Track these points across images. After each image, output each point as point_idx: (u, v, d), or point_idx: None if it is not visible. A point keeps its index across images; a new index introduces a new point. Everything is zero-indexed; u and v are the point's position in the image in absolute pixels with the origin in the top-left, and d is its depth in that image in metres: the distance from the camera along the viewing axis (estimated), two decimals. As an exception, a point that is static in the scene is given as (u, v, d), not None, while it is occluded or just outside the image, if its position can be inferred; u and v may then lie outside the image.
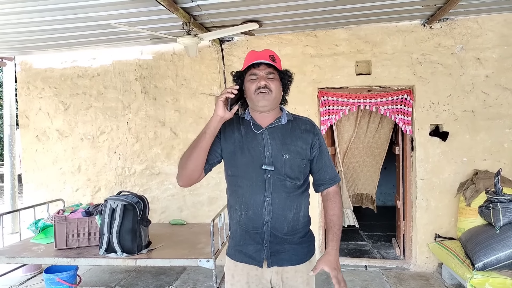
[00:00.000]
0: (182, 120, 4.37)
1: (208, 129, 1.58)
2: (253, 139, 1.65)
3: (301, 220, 1.66)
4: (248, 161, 1.62)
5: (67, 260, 3.08)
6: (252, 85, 1.61)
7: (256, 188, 1.61)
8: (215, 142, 1.65)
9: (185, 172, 1.63)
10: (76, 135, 4.56)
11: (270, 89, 1.60)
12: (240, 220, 1.66)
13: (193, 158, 1.60)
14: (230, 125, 1.70)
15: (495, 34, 3.82)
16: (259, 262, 1.64)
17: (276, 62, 1.64)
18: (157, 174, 4.45)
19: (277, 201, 1.60)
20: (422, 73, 3.94)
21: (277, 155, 1.61)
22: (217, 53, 4.24)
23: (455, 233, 3.88)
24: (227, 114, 1.57)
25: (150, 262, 3.04)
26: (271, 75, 1.62)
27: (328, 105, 4.11)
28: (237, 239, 1.70)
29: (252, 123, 1.68)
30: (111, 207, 3.08)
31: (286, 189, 1.61)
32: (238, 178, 1.65)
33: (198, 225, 4.19)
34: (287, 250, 1.64)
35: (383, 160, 4.78)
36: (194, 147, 1.60)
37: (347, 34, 4.05)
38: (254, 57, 1.63)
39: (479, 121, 3.88)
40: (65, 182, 4.60)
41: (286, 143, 1.63)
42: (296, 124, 1.69)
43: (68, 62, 4.56)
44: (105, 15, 3.24)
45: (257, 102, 1.61)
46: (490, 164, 3.85)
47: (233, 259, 1.70)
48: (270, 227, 1.61)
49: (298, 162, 1.63)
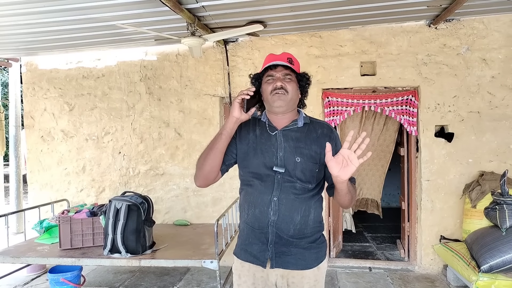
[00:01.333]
0: (186, 120, 4.38)
1: (224, 130, 1.59)
2: (267, 140, 1.65)
3: (310, 224, 1.63)
4: (260, 162, 1.62)
5: (72, 260, 3.08)
6: (269, 86, 1.62)
7: (265, 187, 1.61)
8: (231, 143, 1.65)
9: (202, 173, 1.64)
10: (81, 136, 4.58)
11: (286, 90, 1.60)
12: (248, 219, 1.66)
13: (209, 159, 1.61)
14: (246, 126, 1.70)
15: (501, 34, 3.80)
16: (263, 262, 1.63)
17: (294, 64, 1.65)
18: (161, 175, 4.46)
19: (285, 202, 1.59)
20: (427, 73, 3.92)
21: (289, 158, 1.60)
22: (222, 54, 4.24)
23: (461, 234, 3.86)
24: (243, 116, 1.57)
25: (154, 263, 3.03)
26: (288, 76, 1.63)
27: (332, 106, 4.10)
28: (243, 238, 1.70)
29: (268, 125, 1.68)
30: (115, 208, 3.08)
31: (295, 190, 1.60)
32: (249, 178, 1.65)
33: (202, 225, 4.18)
34: (294, 253, 1.62)
35: (388, 163, 4.69)
36: (211, 148, 1.61)
37: (352, 34, 4.04)
38: (271, 59, 1.64)
39: (485, 122, 3.85)
40: (69, 183, 4.62)
41: (300, 146, 1.62)
42: (312, 127, 1.68)
43: (73, 63, 4.58)
44: (110, 16, 3.25)
45: (273, 102, 1.61)
46: (496, 166, 3.83)
47: (239, 258, 1.70)
48: (276, 227, 1.60)
49: (311, 166, 1.61)
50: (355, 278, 3.90)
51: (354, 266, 4.22)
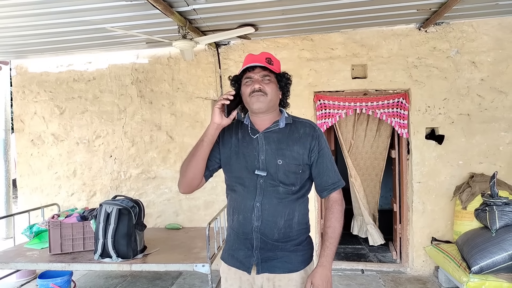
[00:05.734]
0: (178, 124, 4.36)
1: (206, 137, 1.57)
2: (248, 144, 1.63)
3: (295, 227, 1.61)
4: (242, 166, 1.61)
5: (62, 265, 3.04)
6: (247, 88, 1.60)
7: (247, 193, 1.59)
8: (214, 148, 1.64)
9: (185, 180, 1.63)
10: (72, 139, 4.54)
11: (265, 92, 1.58)
12: (233, 224, 1.66)
13: (192, 166, 1.60)
14: (229, 129, 1.69)
15: (490, 37, 3.84)
16: (248, 268, 1.61)
17: (273, 64, 1.62)
18: (153, 178, 4.43)
19: (267, 207, 1.57)
20: (417, 76, 3.95)
21: (271, 160, 1.58)
22: (213, 57, 4.24)
23: (452, 236, 3.88)
24: (224, 121, 1.55)
25: (145, 267, 3.01)
26: (267, 77, 1.60)
27: (324, 109, 4.11)
28: (230, 243, 1.70)
29: (250, 128, 1.67)
30: (106, 212, 3.05)
31: (278, 194, 1.58)
32: (233, 183, 1.65)
33: (194, 229, 4.16)
34: (280, 257, 1.60)
35: (382, 171, 4.59)
36: (193, 155, 1.60)
37: (343, 38, 4.06)
38: (249, 61, 1.61)
39: (474, 124, 3.89)
40: (60, 187, 4.57)
41: (282, 147, 1.60)
42: (295, 127, 1.65)
43: (63, 66, 4.55)
44: (101, 19, 3.23)
45: (252, 105, 1.59)
46: (486, 167, 3.86)
47: (226, 263, 1.69)
48: (260, 233, 1.58)
49: (294, 167, 1.59)
50: (348, 280, 3.91)
51: (346, 269, 4.23)
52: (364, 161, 4.58)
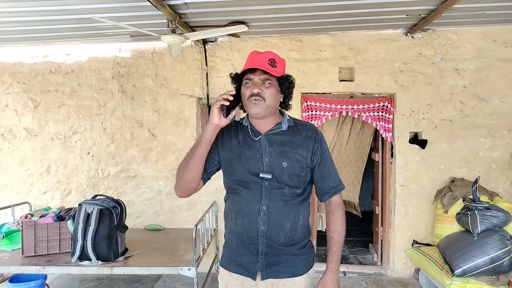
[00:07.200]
0: (161, 121, 4.22)
1: (204, 138, 1.51)
2: (251, 146, 1.57)
3: (299, 230, 1.59)
4: (245, 169, 1.55)
5: (36, 268, 2.87)
6: (246, 91, 1.54)
7: (252, 196, 1.54)
8: (212, 149, 1.58)
9: (182, 183, 1.55)
10: (46, 135, 4.30)
11: (263, 97, 1.51)
12: (236, 229, 1.59)
13: (189, 168, 1.52)
14: (228, 131, 1.63)
15: (473, 46, 3.94)
16: (253, 274, 1.57)
17: (276, 66, 1.55)
18: (133, 177, 4.27)
19: (274, 210, 1.53)
20: (403, 81, 4.00)
21: (275, 163, 1.54)
22: (200, 53, 4.13)
23: (432, 239, 3.96)
24: (223, 121, 1.50)
25: (127, 270, 2.88)
26: (268, 81, 1.53)
27: (311, 110, 4.09)
28: (232, 248, 1.62)
29: (251, 129, 1.61)
30: (86, 212, 2.90)
31: (284, 197, 1.54)
32: (235, 186, 1.58)
33: (176, 230, 4.05)
34: (284, 261, 1.57)
35: (364, 164, 4.72)
36: (190, 156, 1.53)
37: (332, 40, 4.06)
38: (252, 60, 1.54)
39: (456, 130, 3.98)
40: (32, 184, 4.32)
41: (286, 150, 1.56)
42: (297, 130, 1.62)
43: (39, 57, 4.30)
44: (83, 9, 3.07)
45: (249, 109, 1.54)
46: (466, 172, 3.96)
47: (228, 270, 1.62)
48: (266, 237, 1.53)
49: (298, 170, 1.55)
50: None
51: (329, 271, 4.22)
52: (347, 155, 4.72)
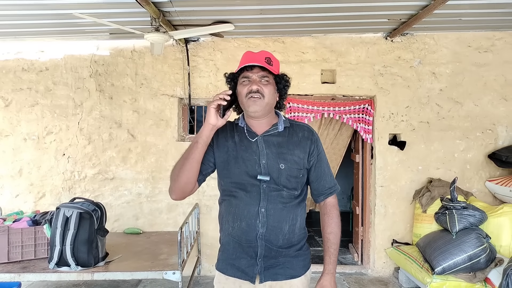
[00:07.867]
0: (141, 121, 4.11)
1: (200, 139, 1.48)
2: (247, 148, 1.55)
3: (297, 232, 1.58)
4: (242, 171, 1.52)
5: (10, 276, 2.72)
6: (244, 88, 1.52)
7: (250, 198, 1.51)
8: (208, 151, 1.54)
9: (178, 185, 1.51)
10: (18, 135, 4.09)
11: (263, 94, 1.50)
12: (233, 232, 1.55)
13: (185, 169, 1.48)
14: (223, 132, 1.59)
15: (448, 50, 4.08)
16: (252, 278, 1.54)
17: (272, 65, 1.55)
18: (111, 179, 4.14)
19: (272, 212, 1.51)
20: (383, 84, 4.09)
21: (272, 165, 1.52)
22: (182, 53, 4.06)
23: (411, 238, 4.05)
24: (219, 122, 1.47)
25: (109, 276, 2.79)
26: (265, 79, 1.53)
27: (293, 112, 4.10)
28: (229, 252, 1.59)
29: (247, 130, 1.58)
30: (64, 216, 2.78)
31: (282, 199, 1.53)
32: (232, 188, 1.55)
33: (156, 233, 3.95)
34: (282, 263, 1.56)
35: (338, 165, 4.70)
36: (186, 158, 1.49)
37: (314, 42, 4.09)
38: (248, 59, 1.53)
39: (433, 132, 4.10)
40: (2, 187, 4.11)
41: (283, 152, 1.55)
42: (293, 131, 1.61)
43: (11, 53, 4.10)
44: (60, 4, 2.94)
45: (248, 107, 1.52)
46: (443, 173, 4.09)
47: (225, 273, 1.59)
48: (265, 240, 1.51)
49: (295, 172, 1.55)
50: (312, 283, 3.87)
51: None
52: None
